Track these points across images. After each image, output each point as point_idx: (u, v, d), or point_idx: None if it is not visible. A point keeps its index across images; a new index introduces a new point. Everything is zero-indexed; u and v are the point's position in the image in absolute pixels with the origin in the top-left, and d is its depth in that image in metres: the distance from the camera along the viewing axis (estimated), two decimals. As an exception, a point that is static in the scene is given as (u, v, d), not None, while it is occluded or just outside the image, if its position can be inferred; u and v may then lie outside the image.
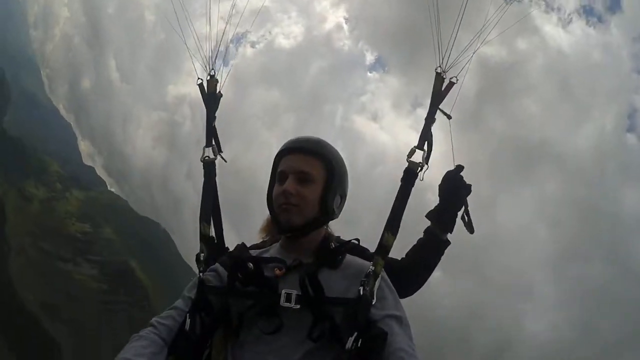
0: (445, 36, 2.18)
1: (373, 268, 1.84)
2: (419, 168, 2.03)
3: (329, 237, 2.04)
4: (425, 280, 2.36)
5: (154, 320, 1.86)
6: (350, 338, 1.65)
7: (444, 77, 2.16)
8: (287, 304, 1.75)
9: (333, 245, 1.98)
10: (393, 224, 1.96)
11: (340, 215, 2.11)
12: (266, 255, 1.99)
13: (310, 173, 1.91)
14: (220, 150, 2.30)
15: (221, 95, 2.36)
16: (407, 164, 2.04)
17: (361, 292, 1.75)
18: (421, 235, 2.43)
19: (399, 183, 2.04)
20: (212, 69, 2.34)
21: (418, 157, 2.04)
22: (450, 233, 2.34)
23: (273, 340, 1.74)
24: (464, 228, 2.32)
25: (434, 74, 2.19)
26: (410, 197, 2.03)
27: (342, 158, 2.04)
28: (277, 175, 1.97)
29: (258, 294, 1.82)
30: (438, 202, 2.35)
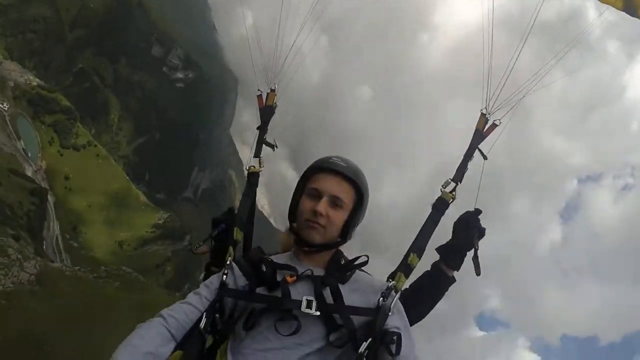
0: (495, 79, 2.26)
1: (395, 283, 1.98)
2: (451, 199, 2.17)
3: (338, 253, 2.11)
4: (425, 314, 2.35)
5: (163, 311, 1.89)
6: (364, 343, 1.76)
7: (488, 118, 2.27)
8: (308, 310, 1.83)
9: (343, 262, 2.06)
10: (419, 246, 2.09)
11: None
12: (279, 262, 2.04)
13: (343, 200, 1.98)
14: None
15: (276, 106, 2.47)
16: (439, 192, 2.19)
17: (380, 303, 1.88)
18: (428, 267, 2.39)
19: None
20: (274, 83, 2.47)
21: (450, 188, 2.20)
22: (457, 271, 2.34)
23: (276, 340, 1.82)
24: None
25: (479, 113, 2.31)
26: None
27: (368, 186, 2.09)
28: (309, 190, 2.03)
29: (275, 298, 1.89)
30: (450, 238, 2.35)
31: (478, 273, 2.20)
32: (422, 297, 2.32)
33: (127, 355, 1.62)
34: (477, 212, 2.29)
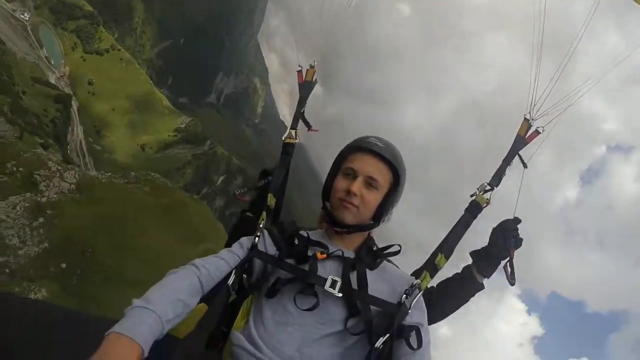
0: (542, 84, 2.17)
1: (420, 281, 1.94)
2: (486, 204, 2.14)
3: (371, 239, 2.10)
4: (447, 315, 2.34)
5: (196, 261, 1.88)
6: (381, 338, 1.76)
7: (531, 124, 2.22)
8: (330, 290, 1.82)
9: (375, 248, 2.05)
10: (448, 248, 2.07)
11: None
12: (312, 238, 2.02)
13: (378, 181, 1.94)
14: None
15: (316, 82, 2.49)
16: (474, 196, 2.16)
17: (402, 300, 1.86)
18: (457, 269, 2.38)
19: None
20: (314, 60, 2.47)
21: (487, 194, 2.16)
22: (487, 278, 2.31)
23: (298, 316, 1.82)
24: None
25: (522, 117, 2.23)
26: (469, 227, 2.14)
27: (405, 169, 2.05)
28: (345, 169, 2.00)
29: (302, 271, 1.88)
30: (487, 244, 2.29)
31: (512, 283, 2.17)
32: (448, 299, 2.31)
33: (159, 297, 1.62)
34: (517, 220, 2.22)
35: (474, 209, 2.14)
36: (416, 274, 2.06)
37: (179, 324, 1.66)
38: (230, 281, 1.89)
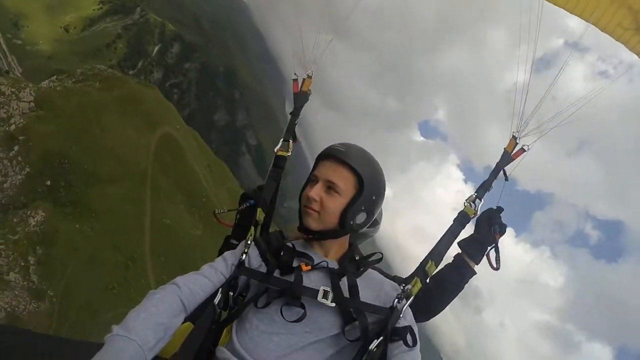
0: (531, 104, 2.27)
1: (411, 287, 1.97)
2: (473, 215, 2.21)
3: (354, 249, 2.13)
4: (448, 303, 2.45)
5: (178, 280, 1.84)
6: (375, 341, 1.80)
7: (517, 142, 2.31)
8: (323, 300, 1.85)
9: (357, 257, 2.09)
10: (438, 255, 2.10)
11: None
12: (299, 249, 2.03)
13: (337, 185, 1.94)
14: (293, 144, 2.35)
15: (310, 93, 2.42)
16: (462, 206, 2.22)
17: (394, 305, 1.89)
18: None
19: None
20: (311, 70, 2.41)
21: (473, 204, 2.23)
22: (477, 264, 2.42)
23: (284, 325, 1.84)
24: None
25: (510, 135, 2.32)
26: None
27: (378, 175, 2.03)
28: (311, 177, 2.04)
29: (290, 284, 1.88)
30: (473, 232, 2.41)
31: (498, 267, 2.31)
32: (446, 286, 2.42)
33: (139, 323, 1.59)
34: (499, 210, 2.37)
35: (462, 219, 2.20)
36: (407, 280, 2.07)
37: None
38: (217, 300, 1.89)
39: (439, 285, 2.40)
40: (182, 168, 56.23)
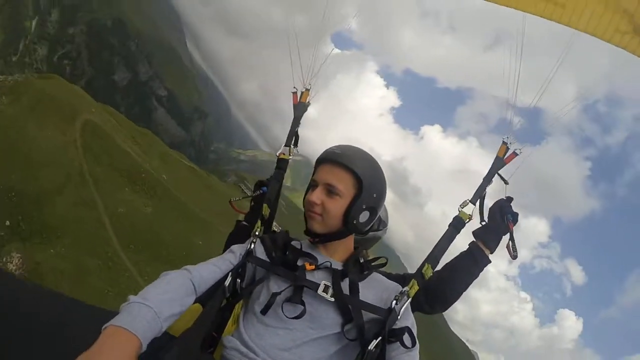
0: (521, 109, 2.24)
1: (408, 289, 2.00)
2: (468, 219, 2.23)
3: (360, 252, 2.17)
4: (461, 292, 2.43)
5: (188, 266, 1.92)
6: (374, 341, 1.83)
7: (509, 147, 2.31)
8: (323, 294, 1.91)
9: (362, 260, 2.13)
10: (434, 259, 2.13)
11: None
12: (304, 250, 2.09)
13: (337, 187, 1.98)
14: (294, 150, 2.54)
15: (309, 104, 2.61)
16: (457, 211, 2.23)
17: (392, 306, 1.93)
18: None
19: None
20: (309, 83, 2.60)
21: (469, 209, 2.25)
22: (492, 253, 2.41)
23: (289, 320, 1.90)
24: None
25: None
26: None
27: (377, 173, 2.06)
28: (311, 182, 2.08)
29: (294, 275, 1.96)
30: (486, 222, 2.39)
31: (515, 256, 2.31)
32: (460, 275, 2.40)
33: (155, 294, 1.65)
34: (509, 199, 2.37)
35: (457, 224, 2.22)
36: (405, 282, 2.11)
37: (174, 322, 1.71)
38: (227, 282, 1.98)
39: (453, 272, 2.41)
40: (112, 151, 54.48)
